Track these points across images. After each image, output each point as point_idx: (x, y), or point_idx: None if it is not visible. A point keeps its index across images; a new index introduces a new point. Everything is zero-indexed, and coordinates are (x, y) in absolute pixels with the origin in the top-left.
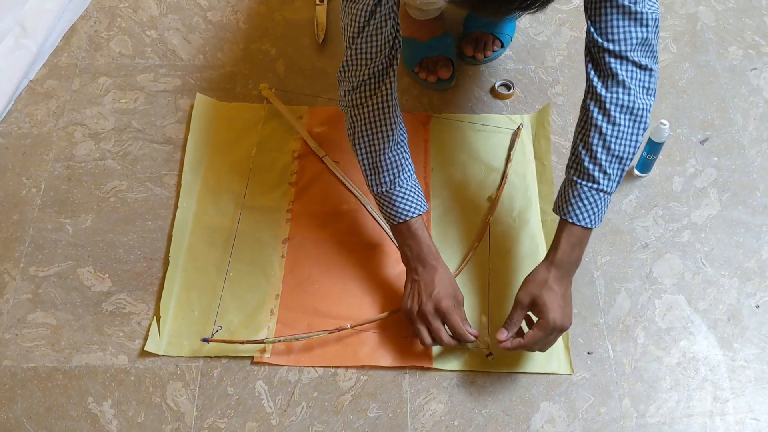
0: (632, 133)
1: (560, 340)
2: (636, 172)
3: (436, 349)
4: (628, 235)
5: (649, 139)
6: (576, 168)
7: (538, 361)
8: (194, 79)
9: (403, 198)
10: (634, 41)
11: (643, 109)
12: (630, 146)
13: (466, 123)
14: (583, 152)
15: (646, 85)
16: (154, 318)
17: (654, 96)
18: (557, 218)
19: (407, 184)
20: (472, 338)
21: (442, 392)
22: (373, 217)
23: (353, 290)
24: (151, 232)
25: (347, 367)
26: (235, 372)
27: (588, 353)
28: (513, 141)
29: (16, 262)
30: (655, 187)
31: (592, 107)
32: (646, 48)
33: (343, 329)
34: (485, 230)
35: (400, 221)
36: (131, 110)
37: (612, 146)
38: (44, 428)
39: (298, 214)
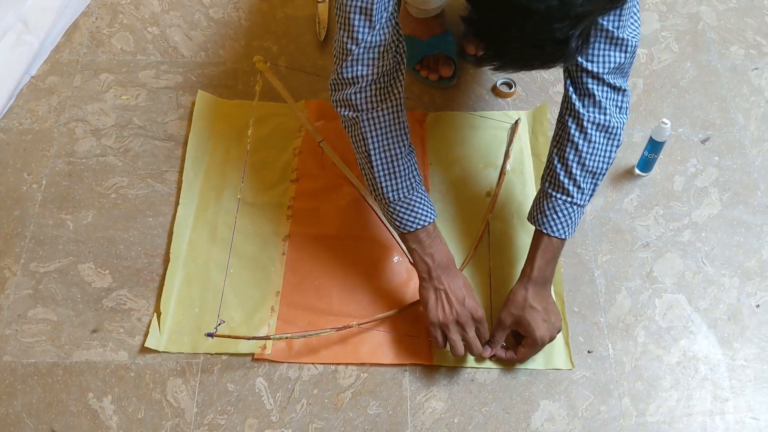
0: (606, 150)
1: (560, 335)
2: (637, 171)
3: (436, 348)
4: (629, 234)
5: (651, 139)
6: (551, 181)
7: (538, 358)
8: (196, 76)
9: (421, 202)
10: (611, 65)
11: (617, 127)
12: (604, 162)
13: (463, 118)
14: (559, 166)
15: (620, 104)
16: (155, 314)
17: (627, 114)
18: None
19: (423, 189)
20: (485, 353)
21: (442, 390)
22: (376, 213)
23: (354, 287)
24: (151, 228)
25: (347, 364)
26: (236, 368)
27: (588, 352)
28: (511, 136)
29: (17, 258)
30: (656, 186)
31: (570, 123)
32: (620, 72)
33: (350, 327)
34: (485, 227)
35: (420, 227)
36: (132, 107)
37: (587, 162)
38: (44, 424)
39: (299, 211)
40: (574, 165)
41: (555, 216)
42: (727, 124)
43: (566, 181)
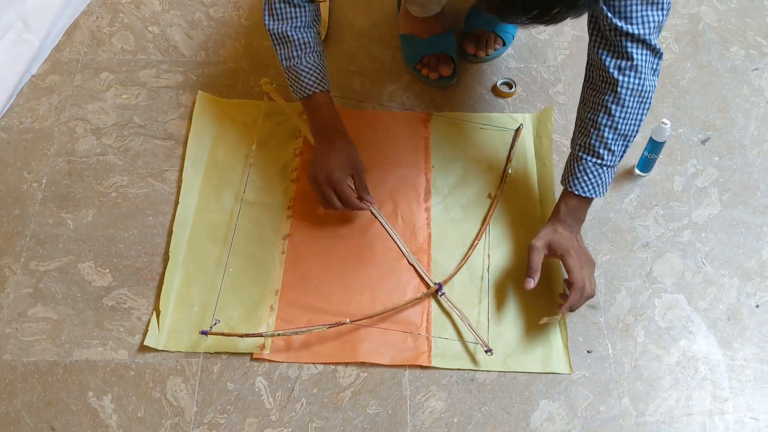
0: (638, 113)
1: (559, 340)
2: (637, 171)
3: (435, 348)
4: (629, 234)
5: (651, 139)
6: (582, 145)
7: (537, 361)
8: (196, 75)
9: (308, 73)
10: (653, 25)
11: (649, 91)
12: (635, 125)
13: (468, 120)
14: (592, 131)
15: (655, 67)
16: (154, 313)
17: (658, 76)
18: None
19: (314, 61)
20: (362, 206)
21: (441, 389)
22: (374, 215)
23: (353, 287)
24: (151, 227)
25: (347, 363)
26: (235, 368)
27: (588, 351)
28: (514, 140)
29: (17, 257)
30: (656, 186)
31: (605, 88)
32: (660, 32)
33: (342, 324)
34: (485, 228)
35: (304, 95)
36: (133, 106)
37: (619, 126)
38: (44, 422)
39: (299, 210)
40: (606, 130)
41: (585, 177)
42: (727, 124)
43: (597, 144)
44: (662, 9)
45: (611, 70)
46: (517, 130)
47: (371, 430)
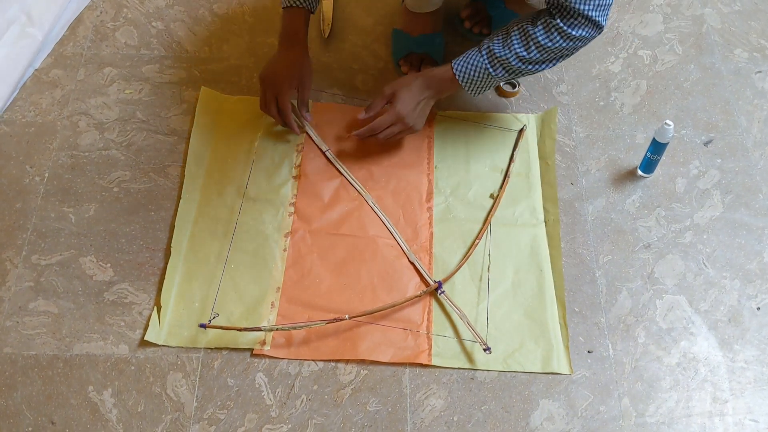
0: (548, 57)
1: (560, 340)
2: (639, 172)
3: (435, 347)
4: (631, 234)
5: (654, 140)
6: (490, 42)
7: (537, 361)
8: (199, 71)
9: None
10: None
11: (566, 48)
12: (537, 63)
13: (472, 119)
14: (504, 37)
15: (589, 34)
16: (155, 308)
17: (582, 44)
18: (559, 218)
19: None
20: (293, 127)
21: (441, 388)
22: (376, 213)
23: (354, 285)
24: (153, 222)
25: (347, 361)
26: (236, 363)
27: (588, 352)
28: (517, 141)
29: (19, 250)
30: (658, 187)
31: (540, 18)
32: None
33: (341, 320)
34: (486, 227)
35: (283, 6)
36: (136, 101)
37: (526, 54)
38: (44, 416)
39: (301, 208)
40: (516, 45)
41: (469, 65)
42: (729, 126)
43: (498, 49)
44: None
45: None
46: (521, 131)
47: (371, 427)
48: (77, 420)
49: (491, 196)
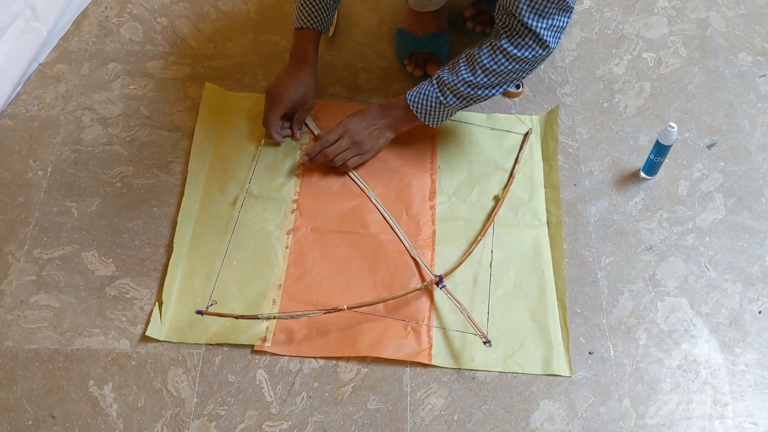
0: (495, 81)
1: (561, 342)
2: (642, 174)
3: (436, 346)
4: (633, 236)
5: (657, 142)
6: (442, 72)
7: (538, 363)
8: (203, 68)
9: (303, 9)
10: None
11: (513, 71)
12: (475, 94)
13: (476, 120)
14: (453, 65)
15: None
16: (156, 303)
17: (531, 67)
18: (562, 220)
19: (312, 1)
20: (275, 135)
21: (442, 387)
22: (379, 211)
23: (356, 283)
24: (156, 218)
25: (348, 358)
26: (237, 360)
27: (589, 353)
28: (522, 144)
29: (21, 244)
30: (661, 190)
31: (489, 42)
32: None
33: (339, 310)
34: (489, 226)
35: (295, 27)
36: (140, 96)
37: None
38: (44, 410)
39: (304, 205)
40: (464, 71)
41: (421, 94)
42: (733, 130)
43: (448, 77)
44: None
45: (504, 43)
46: (526, 135)
47: (371, 425)
48: (77, 414)
49: (495, 197)
